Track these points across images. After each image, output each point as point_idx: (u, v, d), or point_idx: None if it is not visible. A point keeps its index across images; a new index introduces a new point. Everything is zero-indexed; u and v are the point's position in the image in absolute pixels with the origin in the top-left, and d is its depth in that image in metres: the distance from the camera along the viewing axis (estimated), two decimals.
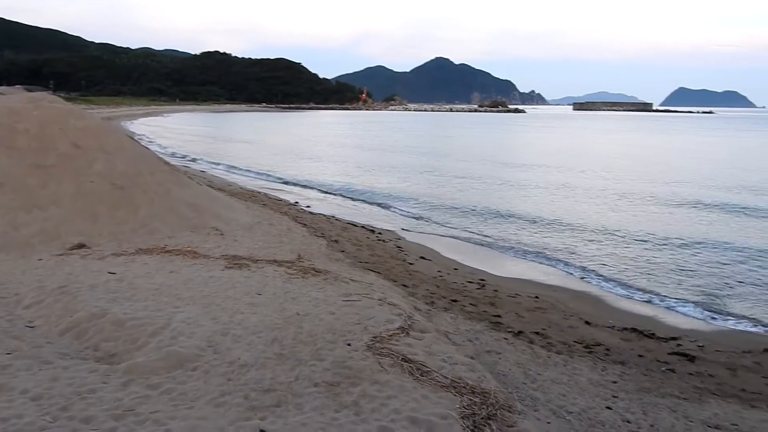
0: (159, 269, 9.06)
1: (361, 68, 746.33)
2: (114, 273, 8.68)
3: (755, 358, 8.58)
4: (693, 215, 20.36)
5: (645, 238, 16.65)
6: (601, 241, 16.40)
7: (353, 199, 23.69)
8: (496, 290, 11.45)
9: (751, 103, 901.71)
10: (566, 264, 14.20)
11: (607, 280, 12.97)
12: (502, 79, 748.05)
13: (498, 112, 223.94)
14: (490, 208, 21.47)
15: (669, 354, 8.55)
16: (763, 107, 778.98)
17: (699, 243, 16.04)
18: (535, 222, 19.01)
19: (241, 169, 32.78)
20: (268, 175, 30.59)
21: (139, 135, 51.87)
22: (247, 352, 5.76)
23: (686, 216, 20.18)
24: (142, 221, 12.19)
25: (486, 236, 17.15)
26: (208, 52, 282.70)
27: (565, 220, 19.37)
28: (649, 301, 11.60)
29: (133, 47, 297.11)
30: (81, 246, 10.55)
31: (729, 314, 10.89)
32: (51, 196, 11.86)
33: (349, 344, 6.01)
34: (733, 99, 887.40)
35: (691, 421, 6.25)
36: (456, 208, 21.55)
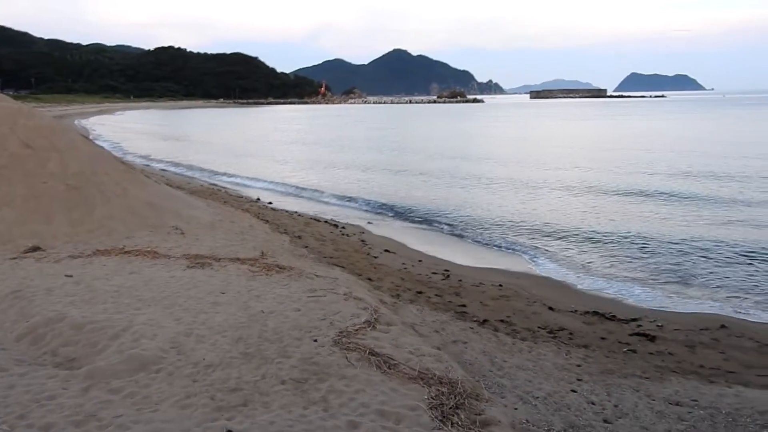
0: (118, 270, 8.86)
1: (320, 62, 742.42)
2: (71, 276, 8.45)
3: (712, 334, 8.85)
4: (647, 202, 20.82)
5: (603, 226, 16.97)
6: (561, 229, 16.66)
7: (315, 195, 23.56)
8: (460, 280, 11.54)
9: (700, 86, 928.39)
10: (528, 251, 14.39)
11: (569, 265, 13.18)
12: (459, 70, 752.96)
13: (457, 102, 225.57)
14: (453, 200, 21.60)
15: (630, 335, 8.76)
16: (712, 89, 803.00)
17: (654, 229, 16.42)
18: (496, 213, 19.21)
19: (200, 168, 32.25)
20: (228, 173, 30.20)
21: (93, 133, 50.64)
22: (212, 352, 5.68)
23: (641, 203, 20.62)
24: (99, 222, 11.90)
25: (449, 227, 17.26)
26: (162, 47, 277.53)
27: (526, 210, 19.63)
28: (609, 285, 11.84)
29: (84, 43, 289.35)
30: (35, 249, 10.23)
31: (686, 294, 11.20)
32: (2, 197, 11.49)
33: (315, 340, 5.97)
34: (683, 82, 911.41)
35: (654, 399, 6.42)
36: (419, 200, 21.60)
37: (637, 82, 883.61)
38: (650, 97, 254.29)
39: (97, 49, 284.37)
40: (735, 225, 16.51)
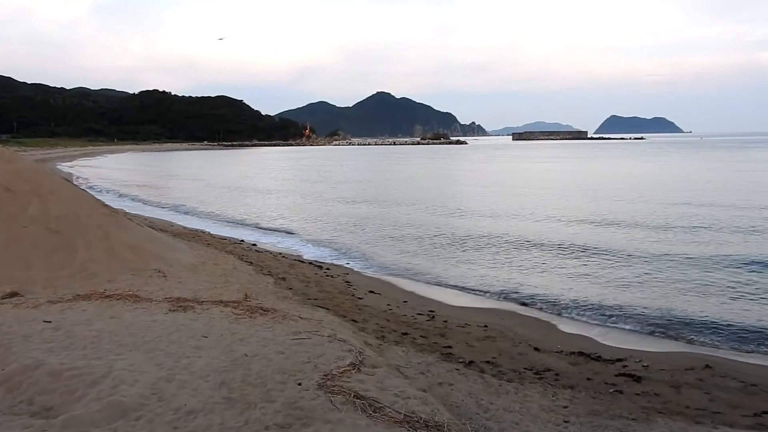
0: (98, 315, 8.71)
1: (304, 104, 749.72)
2: (50, 321, 8.28)
3: (697, 374, 8.85)
4: (627, 236, 21.02)
5: (585, 265, 17.07)
6: (546, 268, 16.73)
7: (300, 236, 23.50)
8: (445, 321, 11.49)
9: (678, 128, 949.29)
10: (513, 292, 14.39)
11: (553, 305, 13.18)
12: (443, 112, 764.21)
13: (441, 144, 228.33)
14: (438, 240, 21.64)
15: (616, 375, 8.73)
16: (690, 132, 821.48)
17: (637, 268, 16.54)
18: (481, 252, 19.28)
19: (183, 211, 32.16)
20: (213, 215, 30.14)
21: (76, 177, 50.42)
22: (194, 397, 5.56)
23: (622, 238, 20.81)
24: (79, 266, 11.74)
25: (433, 268, 17.23)
26: (147, 90, 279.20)
27: (509, 248, 19.72)
28: (594, 324, 11.87)
29: (68, 87, 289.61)
30: (13, 294, 10.04)
31: (669, 333, 11.23)
32: None
33: (299, 384, 5.89)
34: (661, 125, 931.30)
35: None
36: (404, 242, 21.63)
37: (616, 124, 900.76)
38: (630, 139, 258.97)
39: (81, 92, 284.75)
40: (719, 261, 16.69)
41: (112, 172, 69.52)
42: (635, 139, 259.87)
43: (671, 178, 48.19)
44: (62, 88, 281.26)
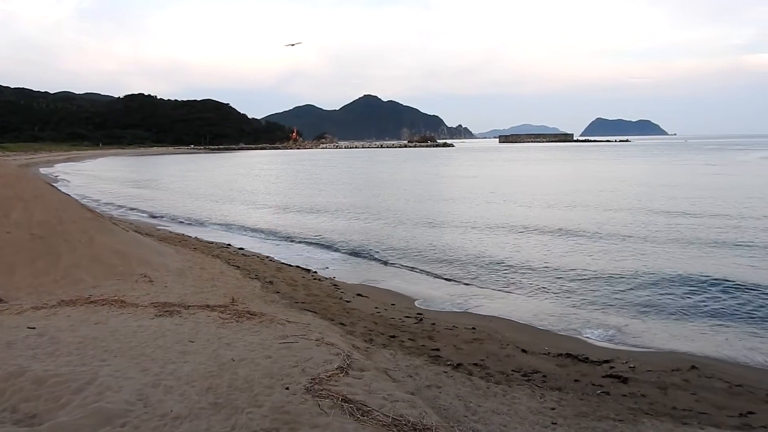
0: (83, 321, 8.62)
1: (291, 107, 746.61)
2: (34, 327, 8.19)
3: (683, 375, 8.91)
4: (611, 241, 21.16)
5: (571, 265, 17.15)
6: (532, 269, 16.79)
7: (288, 239, 23.42)
8: (433, 323, 11.49)
9: (663, 131, 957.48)
10: (501, 293, 14.42)
11: (542, 307, 13.23)
12: (430, 115, 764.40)
13: (428, 146, 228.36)
14: (427, 243, 21.63)
15: (603, 377, 8.78)
16: (675, 134, 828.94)
17: (624, 268, 16.66)
18: (469, 254, 19.31)
19: (169, 215, 31.95)
20: (198, 219, 29.97)
21: (61, 182, 49.98)
22: (180, 403, 5.52)
23: (605, 243, 20.93)
24: (64, 271, 11.63)
25: (422, 270, 17.23)
26: (132, 94, 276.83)
27: (496, 251, 19.77)
28: (582, 326, 11.91)
29: (51, 91, 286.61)
30: None
31: (657, 334, 11.31)
32: None
33: (287, 388, 5.86)
34: (646, 127, 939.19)
35: None
36: (392, 244, 21.62)
37: (602, 127, 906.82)
38: (616, 141, 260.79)
39: (66, 97, 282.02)
40: (707, 261, 16.85)
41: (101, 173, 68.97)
42: (621, 141, 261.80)
43: (653, 181, 48.62)
44: (46, 92, 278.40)
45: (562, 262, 17.55)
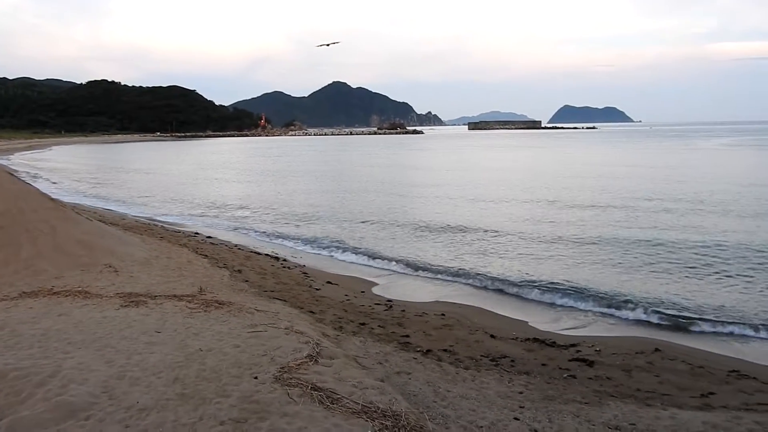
0: (46, 313, 8.43)
1: (259, 94, 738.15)
2: None
3: (647, 358, 9.12)
4: (577, 223, 21.48)
5: (540, 251, 17.36)
6: (500, 255, 16.95)
7: (256, 228, 23.19)
8: (403, 310, 11.53)
9: (629, 118, 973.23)
10: (470, 279, 14.52)
11: (509, 292, 13.37)
12: (399, 102, 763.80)
13: (397, 133, 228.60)
14: (399, 231, 21.67)
15: (570, 360, 8.93)
16: (640, 121, 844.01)
17: (587, 249, 16.93)
18: (440, 241, 19.40)
19: (135, 203, 31.40)
20: (165, 207, 29.51)
21: (21, 171, 48.70)
22: (146, 394, 5.44)
23: (572, 225, 21.24)
24: (25, 262, 11.35)
25: (392, 258, 17.24)
26: (95, 80, 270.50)
27: (468, 236, 19.89)
28: (549, 310, 12.07)
29: (10, 77, 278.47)
30: None
31: (622, 317, 11.54)
32: None
33: (255, 377, 5.82)
34: (612, 115, 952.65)
35: (594, 425, 6.52)
36: (363, 233, 21.59)
37: (569, 114, 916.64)
38: (583, 128, 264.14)
39: (25, 83, 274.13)
40: (672, 244, 17.21)
41: (60, 165, 67.33)
42: (587, 128, 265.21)
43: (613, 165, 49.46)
44: (4, 78, 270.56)
45: (534, 249, 17.74)
